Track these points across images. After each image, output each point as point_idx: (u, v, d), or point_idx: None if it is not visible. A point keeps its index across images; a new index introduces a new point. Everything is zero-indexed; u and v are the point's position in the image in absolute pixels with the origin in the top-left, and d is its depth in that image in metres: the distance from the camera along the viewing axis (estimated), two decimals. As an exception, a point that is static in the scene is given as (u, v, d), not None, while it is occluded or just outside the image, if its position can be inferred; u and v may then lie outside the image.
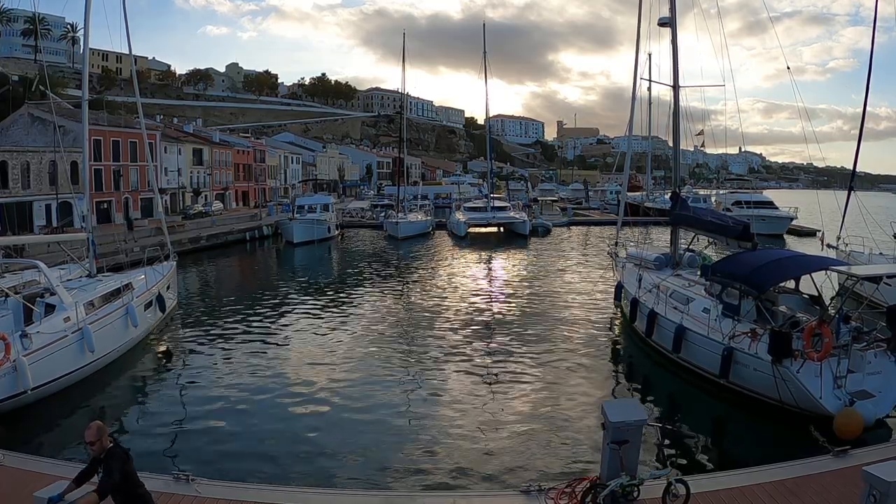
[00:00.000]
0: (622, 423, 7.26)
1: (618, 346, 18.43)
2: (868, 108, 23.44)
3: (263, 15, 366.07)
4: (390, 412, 12.80)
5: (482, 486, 9.56)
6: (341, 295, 26.47)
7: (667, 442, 11.21)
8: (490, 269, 34.72)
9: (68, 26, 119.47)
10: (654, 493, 7.52)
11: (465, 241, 47.78)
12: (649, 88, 36.38)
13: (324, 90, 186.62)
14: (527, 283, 28.94)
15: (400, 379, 14.97)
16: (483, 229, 52.49)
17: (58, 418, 12.65)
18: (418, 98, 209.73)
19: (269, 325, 20.69)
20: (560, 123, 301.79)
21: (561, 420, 12.32)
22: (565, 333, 19.19)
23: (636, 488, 7.33)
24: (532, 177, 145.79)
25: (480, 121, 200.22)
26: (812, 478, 8.39)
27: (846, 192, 22.58)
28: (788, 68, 21.14)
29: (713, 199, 58.78)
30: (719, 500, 7.81)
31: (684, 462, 10.53)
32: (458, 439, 11.42)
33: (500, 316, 22.03)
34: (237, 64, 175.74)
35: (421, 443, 11.31)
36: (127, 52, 21.94)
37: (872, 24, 22.17)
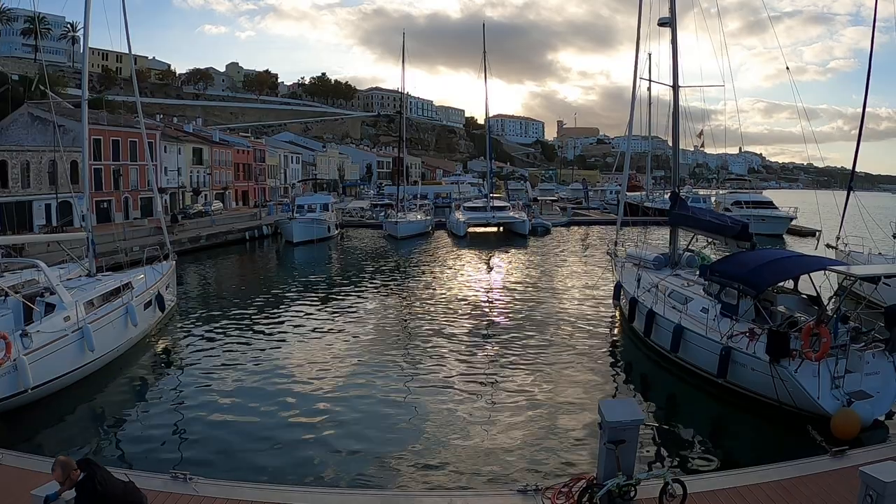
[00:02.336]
0: (619, 423, 7.26)
1: (616, 346, 18.44)
2: (868, 109, 23.53)
3: (261, 14, 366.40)
4: (388, 412, 12.81)
5: (479, 485, 9.55)
6: (340, 294, 26.48)
7: (664, 442, 11.24)
8: (489, 269, 34.73)
9: (68, 25, 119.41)
10: (650, 493, 7.54)
11: (465, 240, 47.79)
12: (649, 88, 36.48)
13: (324, 90, 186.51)
14: (526, 283, 28.95)
15: (398, 379, 14.98)
16: (482, 229, 52.51)
17: (58, 417, 12.67)
18: (418, 98, 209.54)
19: (267, 324, 20.70)
20: (560, 123, 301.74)
21: (558, 419, 12.33)
22: (564, 333, 19.20)
23: (633, 488, 7.33)
24: (532, 177, 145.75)
25: (480, 120, 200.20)
26: (809, 478, 8.40)
27: (845, 192, 22.63)
28: (787, 68, 21.22)
29: (713, 199, 58.86)
30: (716, 500, 7.83)
31: (681, 462, 10.53)
32: (456, 438, 11.43)
33: (499, 315, 22.04)
34: (237, 63, 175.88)
35: (418, 442, 11.32)
36: (127, 52, 21.97)
37: (872, 25, 22.22)
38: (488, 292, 26.94)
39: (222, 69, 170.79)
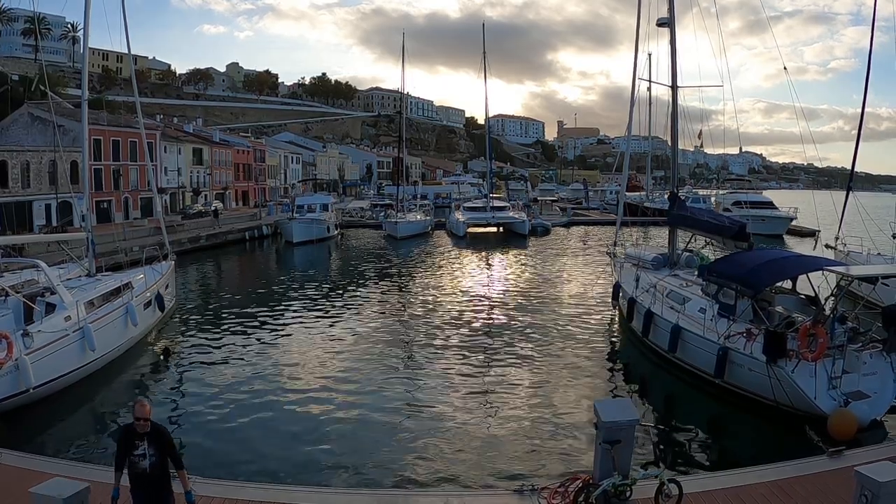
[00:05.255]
0: (614, 423, 7.29)
1: (615, 346, 18.49)
2: (869, 109, 23.71)
3: (259, 14, 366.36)
4: (385, 411, 12.84)
5: (475, 485, 9.58)
6: (340, 294, 26.53)
7: (660, 442, 11.27)
8: (488, 269, 34.77)
9: (68, 26, 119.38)
10: (646, 493, 7.56)
11: (464, 240, 47.83)
12: (649, 88, 36.43)
13: (324, 90, 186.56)
14: (525, 283, 28.99)
15: (396, 378, 15.02)
16: (482, 229, 52.55)
17: (59, 417, 12.71)
18: (418, 98, 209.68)
19: (267, 324, 20.73)
20: (560, 123, 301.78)
21: (556, 419, 12.36)
22: (563, 333, 19.23)
23: (629, 488, 7.37)
24: (532, 177, 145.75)
25: (481, 120, 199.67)
26: (806, 478, 8.42)
27: (844, 192, 22.68)
28: (785, 68, 21.25)
29: (713, 199, 58.86)
30: (712, 500, 7.85)
31: (678, 462, 10.55)
32: (452, 438, 11.46)
33: (498, 315, 22.08)
34: (237, 63, 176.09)
35: (415, 442, 11.35)
36: (127, 52, 22.02)
37: (871, 24, 22.26)
38: (487, 292, 26.96)
39: (222, 69, 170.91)
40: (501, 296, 26.03)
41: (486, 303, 24.49)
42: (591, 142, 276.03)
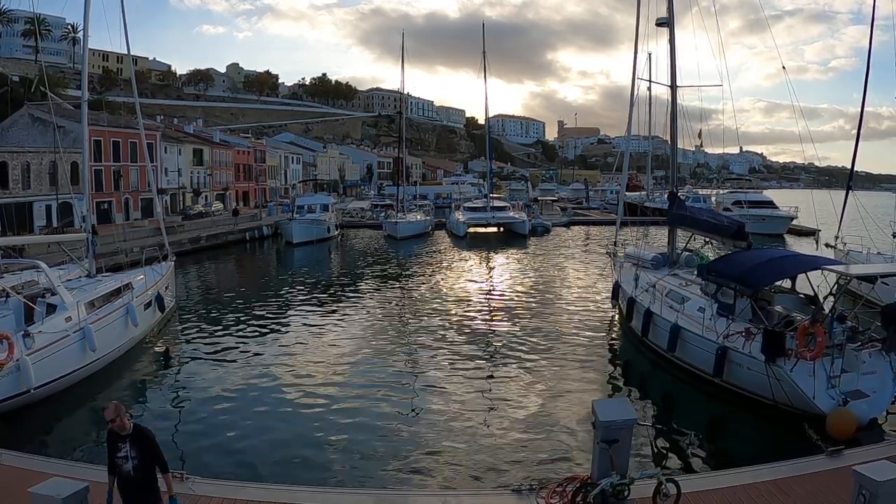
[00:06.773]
0: (612, 423, 7.30)
1: (614, 346, 18.50)
2: (870, 108, 23.77)
3: (258, 14, 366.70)
4: (385, 411, 12.86)
5: (473, 484, 9.60)
6: (340, 295, 26.54)
7: (659, 441, 11.28)
8: (488, 269, 34.79)
9: (69, 26, 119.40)
10: (644, 493, 7.57)
11: (465, 240, 47.86)
12: (649, 88, 36.41)
13: (324, 90, 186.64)
14: (525, 283, 28.99)
15: (395, 379, 15.03)
16: (482, 229, 52.58)
17: (59, 417, 12.73)
18: (419, 98, 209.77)
19: (267, 324, 20.76)
20: (561, 123, 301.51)
21: (555, 419, 12.37)
22: (562, 333, 19.24)
23: (627, 488, 7.37)
24: (533, 177, 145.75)
25: (481, 120, 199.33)
26: (804, 478, 8.42)
27: (844, 191, 22.67)
28: (784, 68, 21.24)
29: (713, 199, 58.87)
30: (711, 499, 7.85)
31: (676, 461, 10.57)
32: (451, 438, 11.47)
33: (498, 315, 22.08)
34: (237, 64, 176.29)
35: (413, 441, 11.37)
36: (126, 53, 22.06)
37: (870, 23, 22.26)
38: (487, 292, 26.99)
39: (223, 70, 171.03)
40: (501, 296, 26.03)
41: (486, 303, 24.50)
42: (591, 141, 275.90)
